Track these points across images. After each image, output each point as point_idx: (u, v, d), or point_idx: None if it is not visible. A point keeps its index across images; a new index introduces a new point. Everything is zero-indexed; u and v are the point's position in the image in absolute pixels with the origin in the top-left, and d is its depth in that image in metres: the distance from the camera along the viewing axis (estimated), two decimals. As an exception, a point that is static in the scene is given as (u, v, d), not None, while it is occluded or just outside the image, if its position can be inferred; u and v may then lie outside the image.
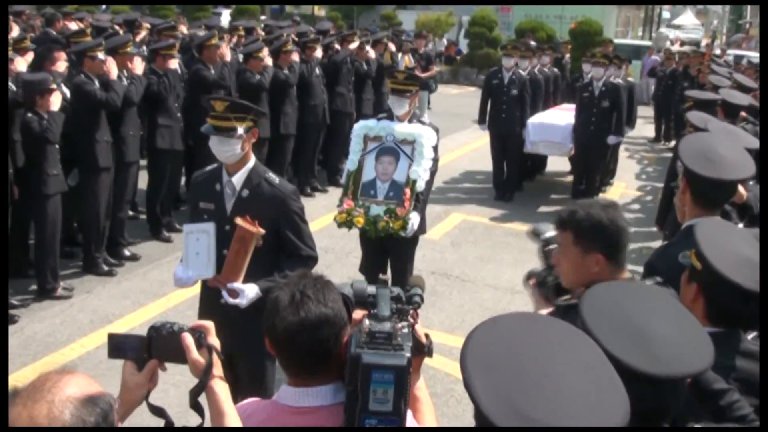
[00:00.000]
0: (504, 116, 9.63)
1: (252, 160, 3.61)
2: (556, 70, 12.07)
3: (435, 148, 5.09)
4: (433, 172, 5.13)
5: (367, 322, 1.72)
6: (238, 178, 3.55)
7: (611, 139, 9.30)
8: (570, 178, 10.59)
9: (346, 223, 5.02)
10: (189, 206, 3.97)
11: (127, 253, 7.12)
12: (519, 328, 1.39)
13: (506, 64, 9.72)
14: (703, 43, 27.42)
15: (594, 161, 9.43)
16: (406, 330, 1.72)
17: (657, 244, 5.49)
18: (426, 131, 5.07)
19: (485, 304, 6.44)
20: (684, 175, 3.07)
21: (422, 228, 5.21)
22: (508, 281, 6.99)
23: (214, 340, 1.81)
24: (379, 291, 1.82)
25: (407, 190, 4.94)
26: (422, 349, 1.83)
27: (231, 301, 3.47)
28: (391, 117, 5.19)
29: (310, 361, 1.80)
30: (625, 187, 10.95)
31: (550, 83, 11.22)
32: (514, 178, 10.04)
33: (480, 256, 7.66)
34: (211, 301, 3.64)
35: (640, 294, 1.80)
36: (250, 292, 3.46)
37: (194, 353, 1.77)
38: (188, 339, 1.78)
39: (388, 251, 5.21)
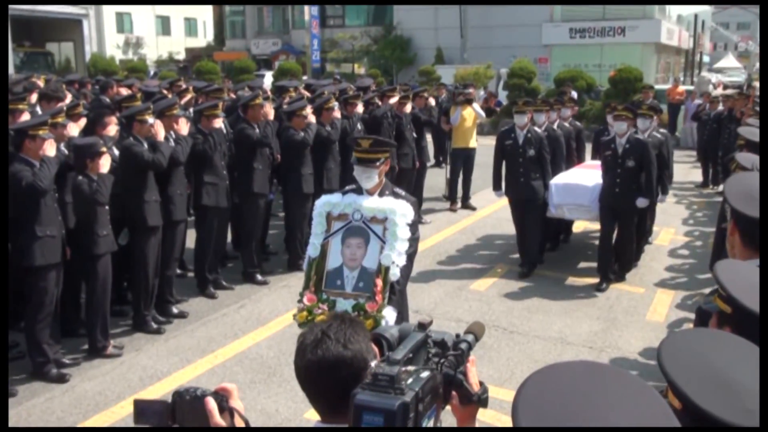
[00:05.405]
0: (522, 180, 8.42)
1: None
2: (578, 123, 11.04)
3: (412, 226, 4.31)
4: (411, 254, 4.33)
5: (373, 363, 1.66)
6: None
7: (641, 202, 8.00)
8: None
9: (308, 323, 4.20)
10: None
11: (175, 310, 7.19)
12: (576, 376, 1.35)
13: (519, 122, 8.52)
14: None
15: (624, 228, 8.12)
16: (424, 374, 1.61)
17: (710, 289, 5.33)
18: (400, 206, 4.29)
19: (535, 356, 6.30)
20: (731, 216, 3.00)
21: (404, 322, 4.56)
22: (557, 332, 6.85)
23: (236, 403, 1.81)
24: (411, 334, 1.78)
25: (378, 281, 4.16)
26: (470, 398, 1.78)
27: None
28: (359, 190, 4.46)
29: (330, 400, 1.80)
30: (674, 233, 10.73)
31: (571, 139, 9.99)
32: (534, 250, 8.65)
33: (527, 307, 7.54)
34: None
35: (720, 343, 1.72)
36: None
37: (216, 417, 1.77)
38: (211, 403, 1.78)
39: None
